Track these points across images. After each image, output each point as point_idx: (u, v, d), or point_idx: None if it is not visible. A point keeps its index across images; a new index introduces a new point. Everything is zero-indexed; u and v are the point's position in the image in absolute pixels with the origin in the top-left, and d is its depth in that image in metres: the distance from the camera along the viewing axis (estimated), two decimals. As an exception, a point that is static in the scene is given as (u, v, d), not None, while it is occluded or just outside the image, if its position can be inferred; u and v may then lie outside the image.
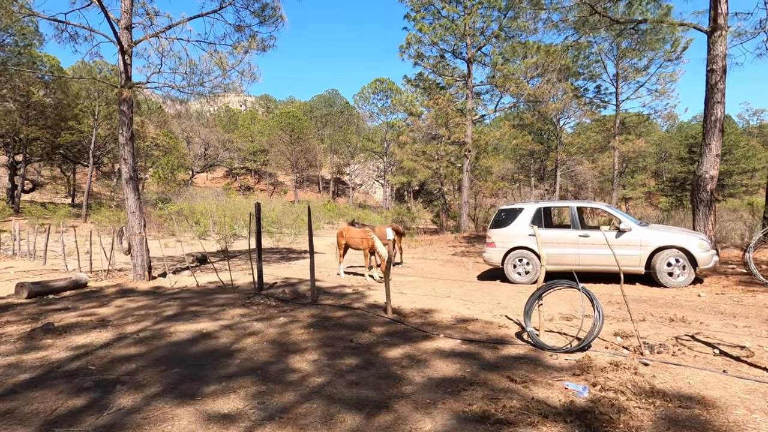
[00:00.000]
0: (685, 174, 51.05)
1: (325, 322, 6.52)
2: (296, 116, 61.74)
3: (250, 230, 10.52)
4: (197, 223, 28.99)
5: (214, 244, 22.19)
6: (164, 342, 5.66)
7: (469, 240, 21.00)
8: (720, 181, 49.26)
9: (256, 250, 8.67)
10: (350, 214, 45.78)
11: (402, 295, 8.61)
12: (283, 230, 27.88)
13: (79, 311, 7.60)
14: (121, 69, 10.49)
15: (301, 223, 30.40)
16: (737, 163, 49.01)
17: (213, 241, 24.09)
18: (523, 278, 9.57)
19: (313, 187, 75.65)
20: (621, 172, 48.01)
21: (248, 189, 70.34)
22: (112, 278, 11.31)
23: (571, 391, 3.87)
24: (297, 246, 22.89)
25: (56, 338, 5.85)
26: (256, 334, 5.96)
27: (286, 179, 75.52)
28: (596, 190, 53.81)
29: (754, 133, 79.97)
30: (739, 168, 49.03)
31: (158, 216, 32.47)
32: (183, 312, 7.32)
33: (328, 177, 75.35)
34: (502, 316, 6.74)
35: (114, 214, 30.04)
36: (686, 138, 52.93)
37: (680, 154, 52.89)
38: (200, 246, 20.78)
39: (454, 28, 23.37)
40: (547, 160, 41.79)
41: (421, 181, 43.84)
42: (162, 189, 47.27)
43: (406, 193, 67.96)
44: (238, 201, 40.49)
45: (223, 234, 20.39)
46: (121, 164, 10.61)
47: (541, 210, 9.70)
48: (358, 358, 4.90)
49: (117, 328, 6.39)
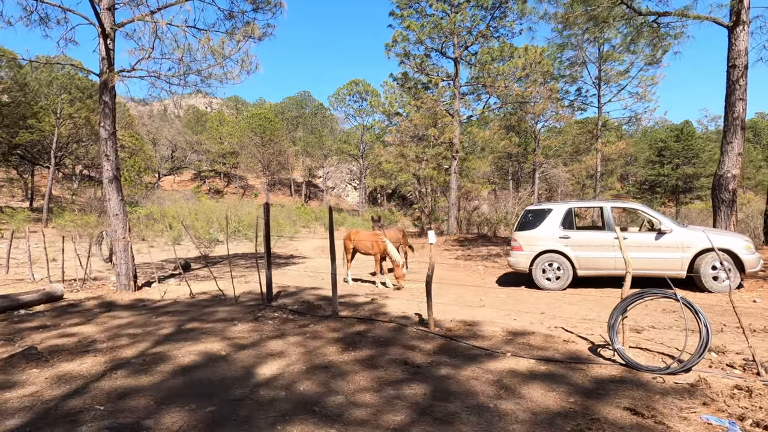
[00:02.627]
0: (655, 176, 52.05)
1: (357, 338, 5.67)
2: (268, 118, 60.20)
3: (227, 234, 9.51)
4: (170, 227, 27.47)
5: (191, 250, 20.84)
6: (173, 368, 4.70)
7: (461, 243, 20.36)
8: (688, 184, 50.61)
9: (265, 256, 7.71)
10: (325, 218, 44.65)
11: (420, 306, 7.80)
12: (263, 234, 26.63)
13: (60, 330, 6.49)
14: (103, 54, 9.34)
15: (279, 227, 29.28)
16: (704, 167, 50.24)
17: (188, 246, 22.73)
18: (553, 284, 8.91)
19: (285, 190, 74.00)
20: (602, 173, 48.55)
21: (217, 192, 68.18)
22: (89, 289, 10.08)
23: (718, 428, 3.15)
24: (281, 250, 21.77)
25: (42, 367, 4.80)
26: (281, 355, 5.06)
27: (257, 182, 73.66)
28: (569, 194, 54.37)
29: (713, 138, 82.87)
30: (707, 171, 50.27)
31: (126, 220, 30.67)
32: (183, 329, 6.31)
33: (300, 180, 73.87)
34: (557, 328, 6.02)
35: (79, 219, 28.19)
36: (655, 142, 54.01)
37: (649, 158, 53.92)
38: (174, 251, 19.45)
39: (442, 26, 22.80)
40: (525, 162, 41.78)
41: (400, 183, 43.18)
42: (128, 192, 45.07)
43: (380, 196, 67.35)
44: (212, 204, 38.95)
45: (202, 239, 19.14)
46: (103, 161, 9.44)
47: (572, 211, 9.09)
48: (425, 385, 4.08)
49: (111, 351, 5.37)
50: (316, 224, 42.99)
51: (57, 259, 11.89)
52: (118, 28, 9.48)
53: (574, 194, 54.75)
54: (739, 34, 9.96)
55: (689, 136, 51.26)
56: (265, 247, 7.73)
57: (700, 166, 49.83)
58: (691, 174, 49.50)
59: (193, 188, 61.12)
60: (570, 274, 8.77)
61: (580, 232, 8.98)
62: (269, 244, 7.71)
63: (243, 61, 9.67)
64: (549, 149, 39.35)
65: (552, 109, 31.64)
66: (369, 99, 49.83)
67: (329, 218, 7.11)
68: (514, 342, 5.39)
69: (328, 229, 7.09)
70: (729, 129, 10.30)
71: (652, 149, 53.41)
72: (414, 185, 47.91)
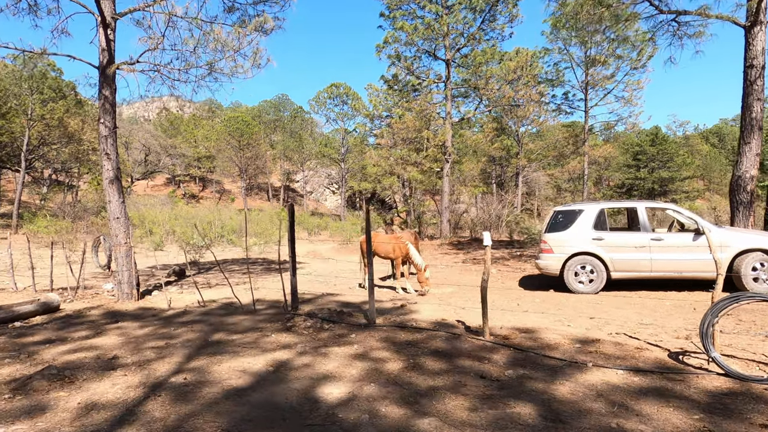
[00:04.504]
0: (632, 180, 52.99)
1: (412, 350, 5.20)
2: (245, 121, 59.02)
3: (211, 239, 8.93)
4: (150, 232, 26.39)
5: (177, 256, 19.93)
6: (222, 389, 4.16)
7: (457, 246, 20.07)
8: (664, 187, 51.72)
9: (290, 260, 7.16)
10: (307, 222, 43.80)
11: (463, 311, 7.39)
12: (251, 239, 25.84)
13: (71, 344, 5.83)
14: (103, 46, 8.66)
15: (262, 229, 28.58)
16: (678, 170, 51.44)
17: (172, 251, 21.82)
18: (586, 287, 8.61)
19: (262, 195, 72.72)
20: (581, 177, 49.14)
21: (193, 197, 66.55)
22: (83, 298, 9.32)
23: None
24: (270, 255, 21.05)
25: (69, 389, 4.20)
26: (338, 371, 4.56)
27: (233, 187, 72.21)
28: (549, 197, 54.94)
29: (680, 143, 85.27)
30: (680, 175, 51.48)
31: (103, 225, 29.47)
32: (211, 342, 5.73)
33: (278, 184, 72.71)
34: (618, 334, 5.68)
35: (52, 224, 26.89)
36: (631, 146, 55.04)
37: (626, 161, 54.90)
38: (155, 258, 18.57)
39: (434, 28, 22.56)
40: (509, 166, 41.96)
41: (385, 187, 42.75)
42: (100, 197, 43.42)
43: (359, 201, 66.78)
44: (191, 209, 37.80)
45: (192, 244, 18.33)
46: (103, 161, 8.74)
47: (605, 211, 8.82)
48: (520, 403, 3.66)
49: (141, 368, 4.78)
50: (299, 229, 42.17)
51: (36, 267, 11.03)
52: (120, 17, 8.82)
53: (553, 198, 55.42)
54: (756, 34, 9.92)
55: (664, 141, 52.46)
56: (290, 250, 7.19)
57: (675, 170, 50.99)
58: (666, 177, 50.59)
59: (169, 193, 59.37)
60: (604, 277, 8.49)
61: (614, 234, 8.72)
62: (294, 248, 7.17)
63: (255, 54, 9.12)
64: (531, 153, 39.60)
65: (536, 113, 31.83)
66: (350, 102, 49.36)
67: (366, 220, 6.62)
68: (584, 351, 5.01)
69: (365, 231, 6.60)
70: (746, 129, 10.25)
71: (628, 153, 54.43)
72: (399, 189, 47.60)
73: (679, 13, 10.43)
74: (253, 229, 30.38)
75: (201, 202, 63.78)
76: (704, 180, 69.09)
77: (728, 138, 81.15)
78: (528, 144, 38.88)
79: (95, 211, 33.98)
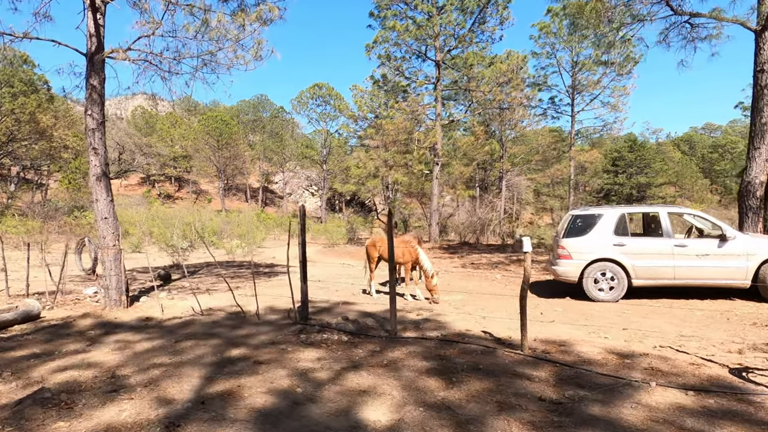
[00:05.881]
0: (610, 185, 53.70)
1: (446, 365, 4.76)
2: (224, 120, 57.81)
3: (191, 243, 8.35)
4: (126, 232, 25.32)
5: (157, 258, 19.05)
6: (251, 414, 3.65)
7: (447, 250, 19.72)
8: (642, 192, 52.56)
9: (300, 266, 6.62)
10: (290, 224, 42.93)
11: (485, 321, 6.98)
12: (234, 241, 25.03)
13: (61, 359, 5.20)
14: (92, 31, 7.99)
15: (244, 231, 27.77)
16: (656, 176, 52.38)
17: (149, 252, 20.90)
18: (606, 295, 8.29)
19: (240, 196, 71.31)
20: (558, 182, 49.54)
21: (168, 197, 64.87)
22: (65, 305, 8.58)
23: None
24: (257, 258, 20.32)
25: (69, 418, 3.62)
26: (376, 392, 4.08)
27: (210, 187, 70.64)
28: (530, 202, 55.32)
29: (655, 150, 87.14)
30: (657, 180, 52.42)
31: (76, 225, 28.29)
32: (227, 358, 5.17)
33: (256, 185, 71.43)
34: (664, 347, 5.34)
35: (22, 224, 25.61)
36: (609, 152, 55.82)
37: (604, 167, 55.63)
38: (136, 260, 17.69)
39: (426, 28, 22.24)
40: (492, 169, 41.95)
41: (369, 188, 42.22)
42: (72, 196, 41.83)
43: (338, 203, 66.10)
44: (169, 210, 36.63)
45: (176, 246, 17.54)
46: (90, 155, 8.05)
47: (625, 216, 8.53)
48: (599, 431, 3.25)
49: (150, 389, 4.21)
50: (279, 231, 41.30)
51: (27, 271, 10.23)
52: (110, 1, 8.17)
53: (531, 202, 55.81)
54: (767, 38, 9.83)
55: (642, 147, 53.37)
56: (300, 255, 6.66)
57: (652, 176, 51.89)
58: (644, 183, 51.41)
59: (144, 193, 57.70)
60: (624, 285, 8.20)
61: (636, 239, 8.43)
62: (305, 252, 6.65)
63: (257, 44, 8.56)
64: (515, 157, 39.65)
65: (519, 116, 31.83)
66: (333, 103, 48.75)
67: (388, 224, 6.14)
68: (635, 367, 4.65)
69: (387, 233, 6.13)
70: (757, 135, 10.15)
71: (606, 159, 55.17)
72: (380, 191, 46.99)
73: (692, 15, 10.29)
74: (235, 230, 29.57)
75: (177, 202, 62.17)
76: (676, 186, 70.72)
77: (698, 146, 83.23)
78: (512, 148, 38.93)
79: (67, 211, 32.58)
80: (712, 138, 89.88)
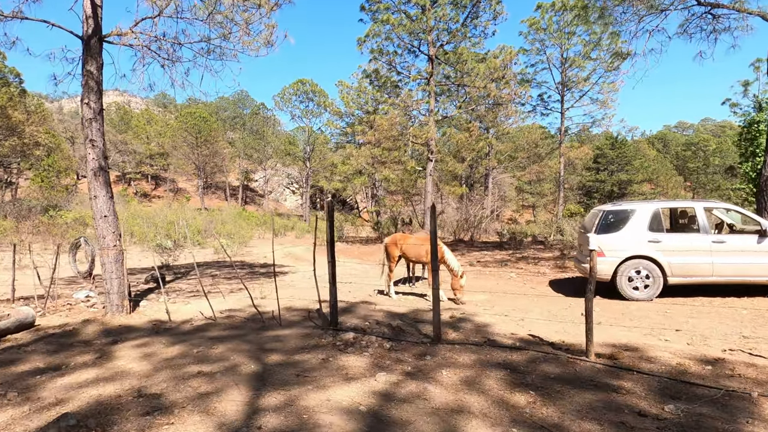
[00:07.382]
0: (592, 182, 54.23)
1: (515, 376, 4.30)
2: (203, 117, 56.41)
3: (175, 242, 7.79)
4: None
5: (142, 259, 18.18)
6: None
7: (445, 248, 19.31)
8: (622, 190, 53.21)
9: (328, 266, 6.08)
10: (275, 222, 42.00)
11: (524, 322, 6.57)
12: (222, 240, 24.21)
13: (72, 374, 4.60)
14: (89, 14, 7.30)
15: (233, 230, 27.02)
16: (637, 173, 53.12)
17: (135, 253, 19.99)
18: (641, 293, 7.95)
19: (220, 194, 69.83)
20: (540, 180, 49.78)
21: (145, 195, 63.14)
22: (59, 311, 7.87)
23: None
24: (247, 258, 19.63)
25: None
26: (462, 409, 3.62)
27: (188, 185, 69.05)
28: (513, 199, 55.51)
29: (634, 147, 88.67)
30: (638, 177, 53.19)
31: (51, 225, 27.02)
32: (270, 368, 4.61)
33: (236, 183, 70.07)
34: (734, 351, 4.98)
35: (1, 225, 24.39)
36: (592, 149, 56.41)
37: (586, 164, 56.18)
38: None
39: (419, 22, 21.80)
40: (478, 167, 41.84)
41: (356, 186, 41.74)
42: (45, 195, 40.21)
43: (319, 201, 65.27)
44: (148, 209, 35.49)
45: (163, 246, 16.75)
46: (87, 148, 7.38)
47: (660, 212, 8.21)
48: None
49: (198, 409, 3.65)
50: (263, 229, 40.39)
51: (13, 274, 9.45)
52: (109, -21, 7.49)
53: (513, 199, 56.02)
54: (786, 30, 9.69)
55: (623, 144, 54.01)
56: (329, 254, 6.13)
57: (633, 173, 52.57)
58: (626, 180, 52.04)
59: (120, 191, 55.90)
60: (660, 283, 7.88)
61: (673, 236, 8.12)
62: (333, 250, 6.12)
63: (268, 29, 7.99)
64: (501, 154, 39.59)
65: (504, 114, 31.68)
66: (317, 99, 47.96)
67: (432, 219, 5.67)
68: (721, 374, 4.28)
69: (430, 230, 5.65)
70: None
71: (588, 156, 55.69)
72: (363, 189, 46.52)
73: (713, 6, 10.09)
74: (220, 229, 28.72)
75: (153, 201, 60.57)
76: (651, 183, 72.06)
77: (672, 144, 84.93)
78: (498, 145, 38.84)
79: (41, 210, 31.17)
80: (684, 136, 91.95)
